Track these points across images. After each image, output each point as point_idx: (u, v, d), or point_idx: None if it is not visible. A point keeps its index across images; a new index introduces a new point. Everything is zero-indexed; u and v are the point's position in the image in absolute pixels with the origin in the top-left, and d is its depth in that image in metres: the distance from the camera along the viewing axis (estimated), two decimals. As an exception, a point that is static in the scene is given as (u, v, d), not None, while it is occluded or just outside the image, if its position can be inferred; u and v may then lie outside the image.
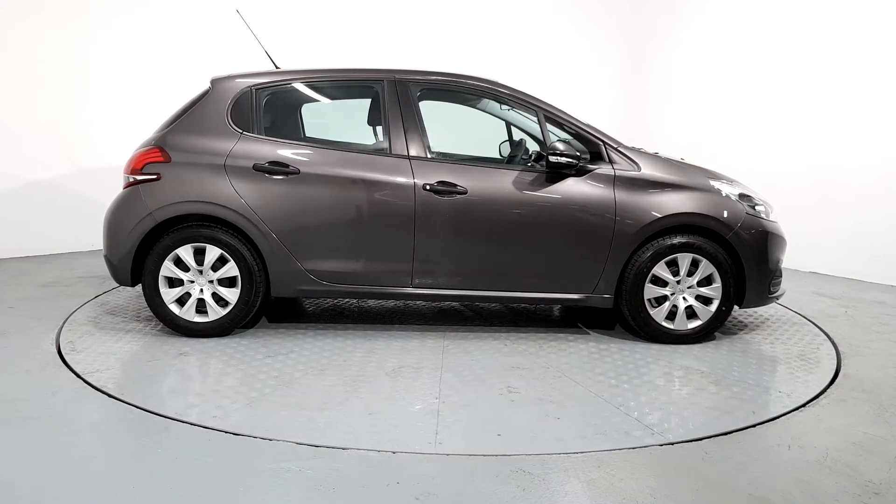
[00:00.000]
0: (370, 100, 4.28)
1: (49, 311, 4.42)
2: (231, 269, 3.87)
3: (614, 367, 3.68)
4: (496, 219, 3.93)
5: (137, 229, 3.84)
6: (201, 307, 3.92)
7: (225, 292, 3.90)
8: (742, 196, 4.16)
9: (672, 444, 2.77)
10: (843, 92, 6.41)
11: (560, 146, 3.85)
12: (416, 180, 3.88)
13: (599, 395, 3.28)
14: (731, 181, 4.29)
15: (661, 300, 4.06)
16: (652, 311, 4.03)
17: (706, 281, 4.05)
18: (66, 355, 3.61)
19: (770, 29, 7.07)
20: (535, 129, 4.25)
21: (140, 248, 3.88)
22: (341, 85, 4.38)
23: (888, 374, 3.71)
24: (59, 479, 2.37)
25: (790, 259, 6.77)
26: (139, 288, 4.06)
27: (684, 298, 4.06)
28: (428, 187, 3.87)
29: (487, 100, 4.32)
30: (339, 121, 4.77)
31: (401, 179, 3.88)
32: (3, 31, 5.85)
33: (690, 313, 4.08)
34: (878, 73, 6.12)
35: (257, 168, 3.85)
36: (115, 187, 6.05)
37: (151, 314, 4.33)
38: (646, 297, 4.01)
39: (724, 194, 4.09)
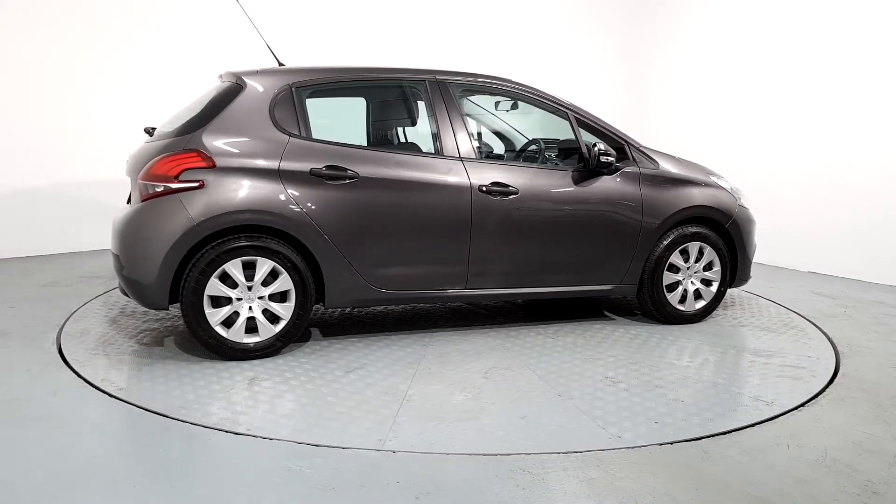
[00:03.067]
0: (409, 100, 4.23)
1: (49, 311, 4.42)
2: (284, 282, 3.54)
3: (669, 351, 4.01)
4: (544, 218, 4.08)
5: (180, 245, 3.37)
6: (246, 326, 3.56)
7: (277, 308, 3.56)
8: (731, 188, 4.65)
9: (672, 443, 2.78)
10: (843, 92, 6.41)
11: (603, 146, 4.07)
12: (471, 181, 3.87)
13: (689, 378, 3.55)
14: (719, 175, 4.70)
15: (672, 286, 4.42)
16: (668, 296, 4.40)
17: (707, 266, 4.49)
18: (68, 355, 3.61)
19: (770, 29, 7.07)
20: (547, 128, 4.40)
21: (179, 265, 3.44)
22: (382, 85, 4.25)
23: (887, 373, 3.72)
24: (59, 479, 2.37)
25: (790, 259, 6.79)
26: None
27: (692, 283, 4.48)
28: (483, 188, 3.88)
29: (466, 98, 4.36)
30: (377, 121, 4.49)
31: (457, 181, 3.85)
32: (6, 33, 5.85)
33: (695, 296, 4.51)
34: (878, 74, 6.12)
35: (315, 173, 3.59)
36: (115, 187, 6.04)
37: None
38: (664, 283, 4.36)
39: (721, 187, 4.57)
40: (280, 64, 4.14)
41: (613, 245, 4.24)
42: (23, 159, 6.04)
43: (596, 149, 4.05)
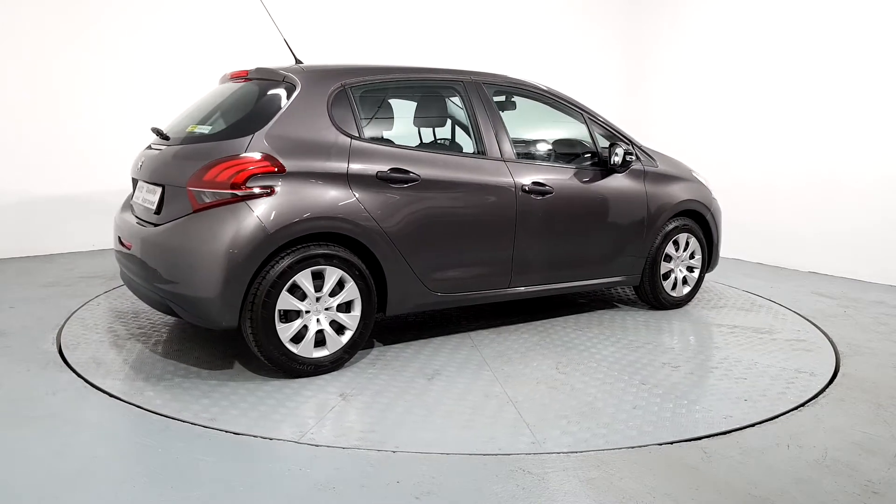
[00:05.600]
0: (454, 101, 4.20)
1: (49, 311, 4.41)
2: (351, 291, 3.41)
3: (688, 334, 4.39)
4: (574, 215, 4.25)
5: (254, 256, 3.11)
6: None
7: (345, 318, 3.42)
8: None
9: (672, 443, 2.78)
10: (842, 92, 6.41)
11: (625, 146, 4.35)
12: (515, 182, 3.95)
13: (729, 358, 3.90)
14: (696, 171, 5.07)
15: (665, 274, 4.79)
16: (664, 284, 4.78)
17: (690, 254, 4.93)
18: (68, 355, 3.60)
19: (770, 29, 7.07)
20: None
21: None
22: (425, 85, 4.15)
23: (887, 373, 3.72)
24: (59, 479, 2.37)
25: (790, 259, 6.79)
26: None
27: (680, 270, 4.89)
28: (526, 188, 3.98)
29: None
30: (424, 122, 4.39)
31: (504, 181, 3.91)
32: (7, 33, 5.85)
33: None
34: (878, 74, 6.12)
35: (381, 176, 3.48)
36: (116, 187, 6.05)
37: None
38: (661, 272, 4.73)
39: (701, 181, 4.98)
40: (298, 61, 4.03)
41: (626, 238, 4.51)
42: (23, 159, 6.04)
43: (622, 149, 4.30)
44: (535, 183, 4.01)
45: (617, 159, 4.31)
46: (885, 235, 6.07)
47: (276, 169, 3.23)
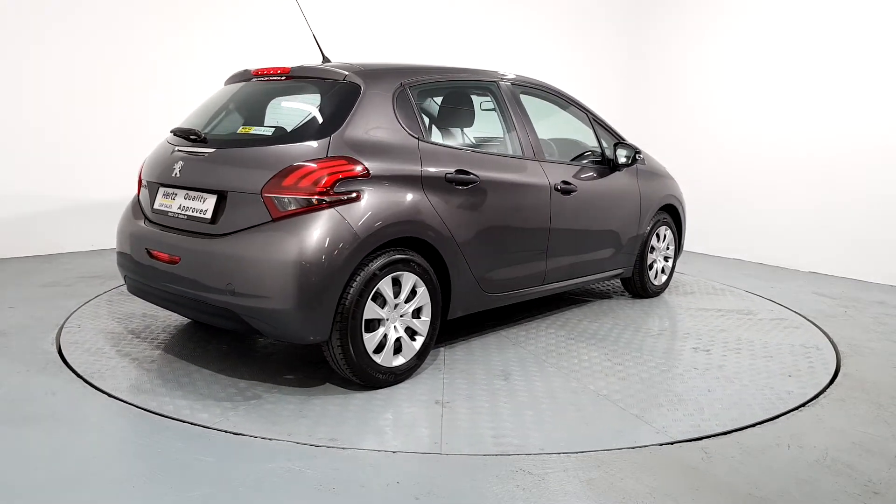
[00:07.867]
0: (492, 101, 4.18)
1: (49, 311, 4.41)
2: (423, 296, 3.32)
3: (690, 319, 4.70)
4: (594, 212, 4.45)
5: (347, 264, 2.96)
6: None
7: (418, 325, 3.33)
8: None
9: (672, 443, 2.77)
10: (843, 92, 6.41)
11: (631, 145, 4.59)
12: (549, 181, 4.06)
13: (744, 339, 4.20)
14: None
15: (649, 265, 5.13)
16: (650, 274, 5.14)
17: (666, 246, 5.29)
18: (68, 355, 3.60)
19: (770, 29, 7.07)
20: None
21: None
22: (469, 86, 4.10)
23: (888, 373, 3.72)
24: (59, 479, 2.37)
25: (790, 259, 6.79)
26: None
27: (658, 261, 5.23)
28: (558, 187, 4.10)
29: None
30: (464, 122, 4.32)
31: (541, 181, 4.02)
32: (6, 33, 5.85)
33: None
34: (879, 74, 6.12)
35: (448, 178, 3.44)
36: (117, 187, 6.04)
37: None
38: (648, 263, 5.06)
39: (673, 178, 5.34)
40: (325, 59, 3.94)
41: (627, 232, 4.77)
42: (23, 159, 6.03)
43: (629, 150, 4.55)
44: (563, 182, 4.15)
45: (624, 160, 4.56)
46: (885, 235, 6.08)
47: (360, 173, 3.08)
